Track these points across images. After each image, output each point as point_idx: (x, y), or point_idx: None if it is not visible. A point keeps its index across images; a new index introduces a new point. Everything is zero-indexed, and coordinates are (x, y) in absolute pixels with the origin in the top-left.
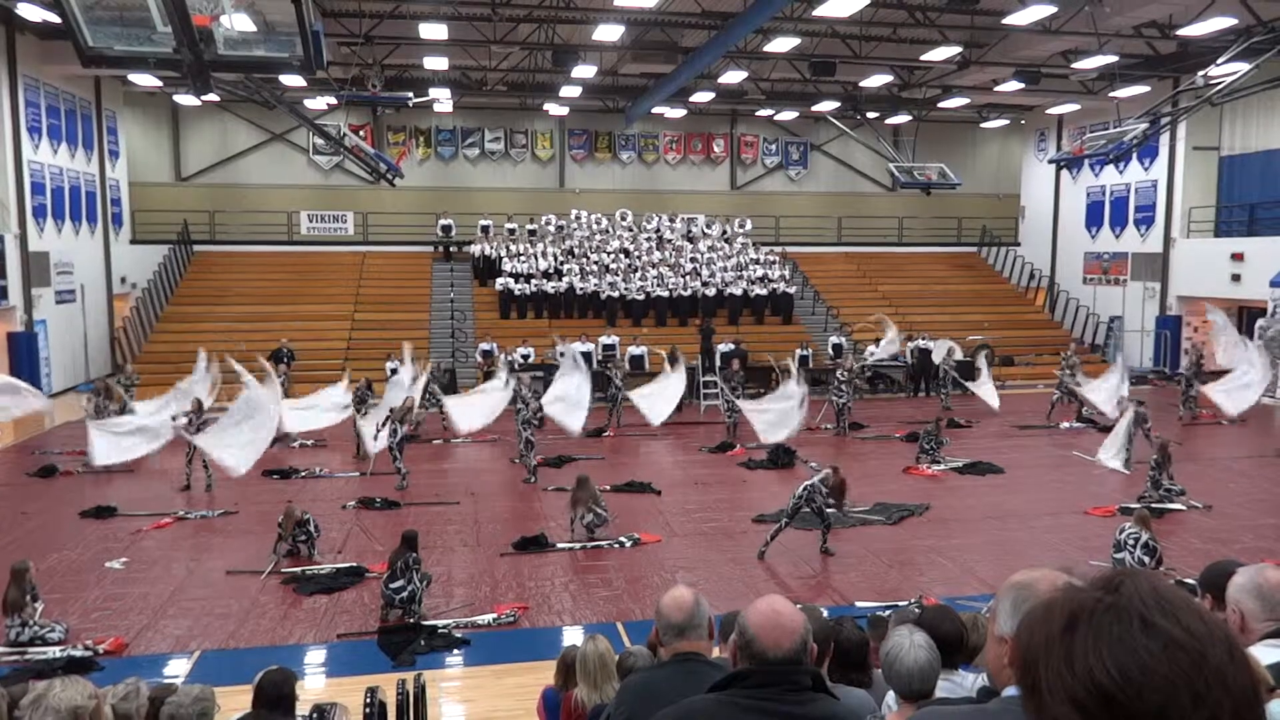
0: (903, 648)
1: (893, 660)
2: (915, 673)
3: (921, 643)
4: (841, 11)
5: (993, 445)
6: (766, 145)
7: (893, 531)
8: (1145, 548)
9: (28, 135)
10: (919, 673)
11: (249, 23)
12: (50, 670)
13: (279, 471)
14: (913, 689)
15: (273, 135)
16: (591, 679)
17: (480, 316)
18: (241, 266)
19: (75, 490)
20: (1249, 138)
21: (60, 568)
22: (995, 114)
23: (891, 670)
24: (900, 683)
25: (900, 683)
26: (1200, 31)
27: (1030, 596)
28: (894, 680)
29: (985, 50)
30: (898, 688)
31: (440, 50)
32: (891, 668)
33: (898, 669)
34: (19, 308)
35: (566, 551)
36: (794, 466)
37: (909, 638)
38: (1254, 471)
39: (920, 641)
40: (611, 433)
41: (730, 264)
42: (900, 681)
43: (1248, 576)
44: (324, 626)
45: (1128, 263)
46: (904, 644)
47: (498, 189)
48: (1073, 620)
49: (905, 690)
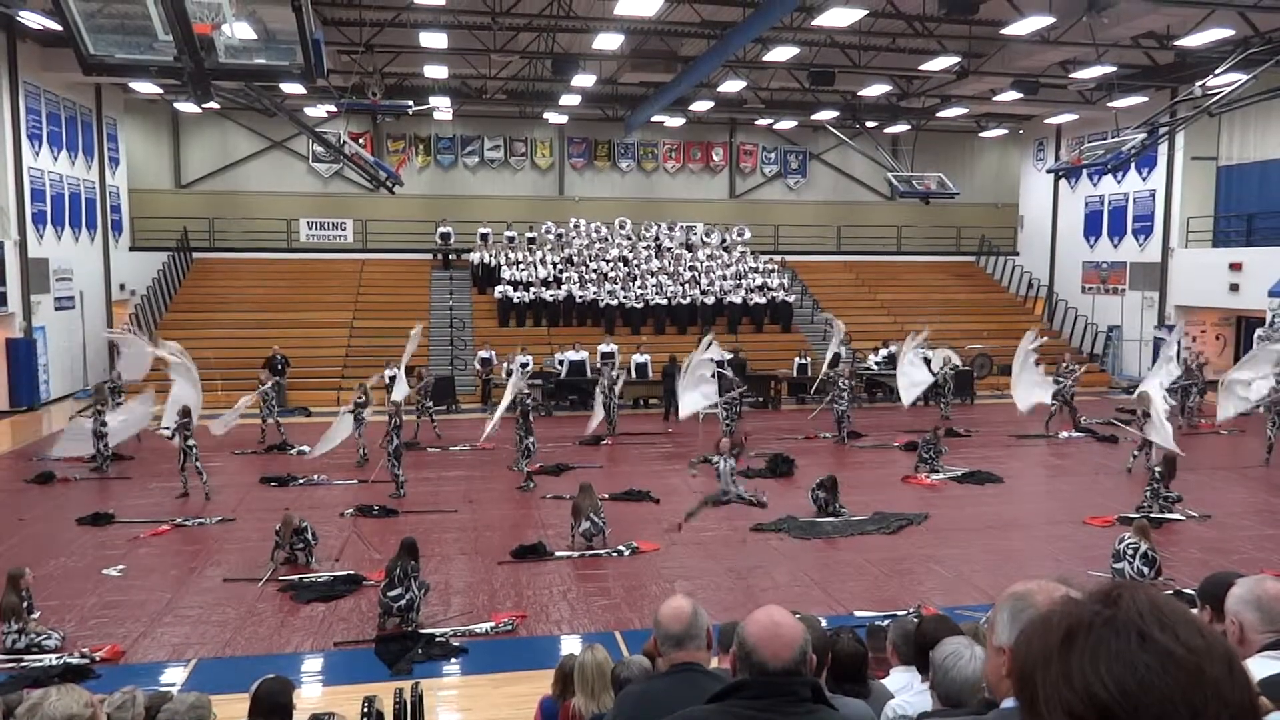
0: (963, 656)
1: (949, 666)
2: (968, 684)
3: (980, 655)
4: (840, 21)
5: (991, 454)
6: (765, 154)
7: (891, 541)
8: (1144, 558)
9: (28, 142)
10: (971, 684)
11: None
12: (46, 678)
13: (276, 479)
14: (959, 698)
15: (272, 143)
16: (589, 688)
17: (479, 324)
18: (241, 273)
19: (73, 497)
20: (1247, 148)
21: (57, 575)
22: (994, 124)
23: (946, 675)
24: (949, 689)
25: (949, 689)
26: (1198, 42)
27: (1027, 607)
28: (943, 684)
29: (984, 60)
30: (944, 692)
31: (440, 59)
32: (947, 673)
33: (953, 675)
34: (18, 314)
35: (565, 560)
36: (793, 475)
37: (970, 649)
38: (1253, 481)
39: (980, 654)
40: (610, 441)
41: (729, 272)
42: (950, 688)
43: (1246, 588)
44: (321, 635)
45: (1126, 272)
46: (965, 654)
47: (497, 197)
48: (1070, 634)
49: (951, 698)
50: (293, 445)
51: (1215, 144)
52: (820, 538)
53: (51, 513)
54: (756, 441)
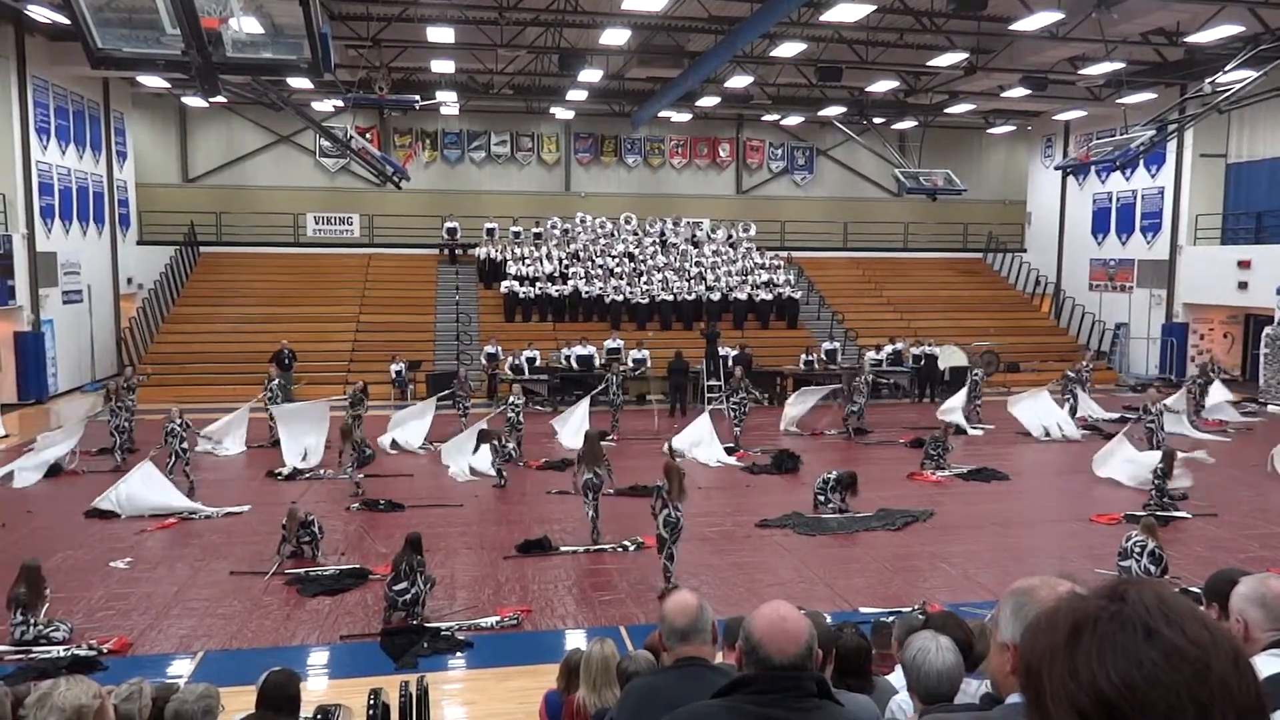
0: (930, 650)
1: (920, 663)
2: (944, 675)
3: (947, 645)
4: (848, 16)
5: (997, 451)
6: (772, 150)
7: (896, 537)
8: (1152, 556)
9: (36, 136)
10: (946, 675)
11: (257, 25)
12: (54, 669)
13: (283, 473)
14: (940, 692)
15: (280, 137)
16: (592, 681)
17: (485, 319)
18: (247, 268)
19: (80, 490)
20: (1256, 145)
21: (65, 567)
22: (1002, 120)
23: (919, 673)
24: (927, 685)
25: (927, 685)
26: (1208, 39)
27: (1030, 603)
28: (920, 682)
29: (992, 56)
30: (923, 690)
31: (447, 53)
32: (919, 670)
33: (926, 670)
34: (26, 308)
35: (570, 555)
36: (798, 471)
37: (934, 640)
38: (1261, 481)
39: (946, 644)
40: (615, 438)
41: (735, 269)
42: (928, 683)
43: (1251, 586)
44: (327, 628)
45: (1134, 269)
46: (930, 647)
47: (503, 192)
48: (1077, 629)
49: (931, 693)
50: None
51: (1224, 141)
52: (825, 534)
53: (59, 505)
54: (760, 439)
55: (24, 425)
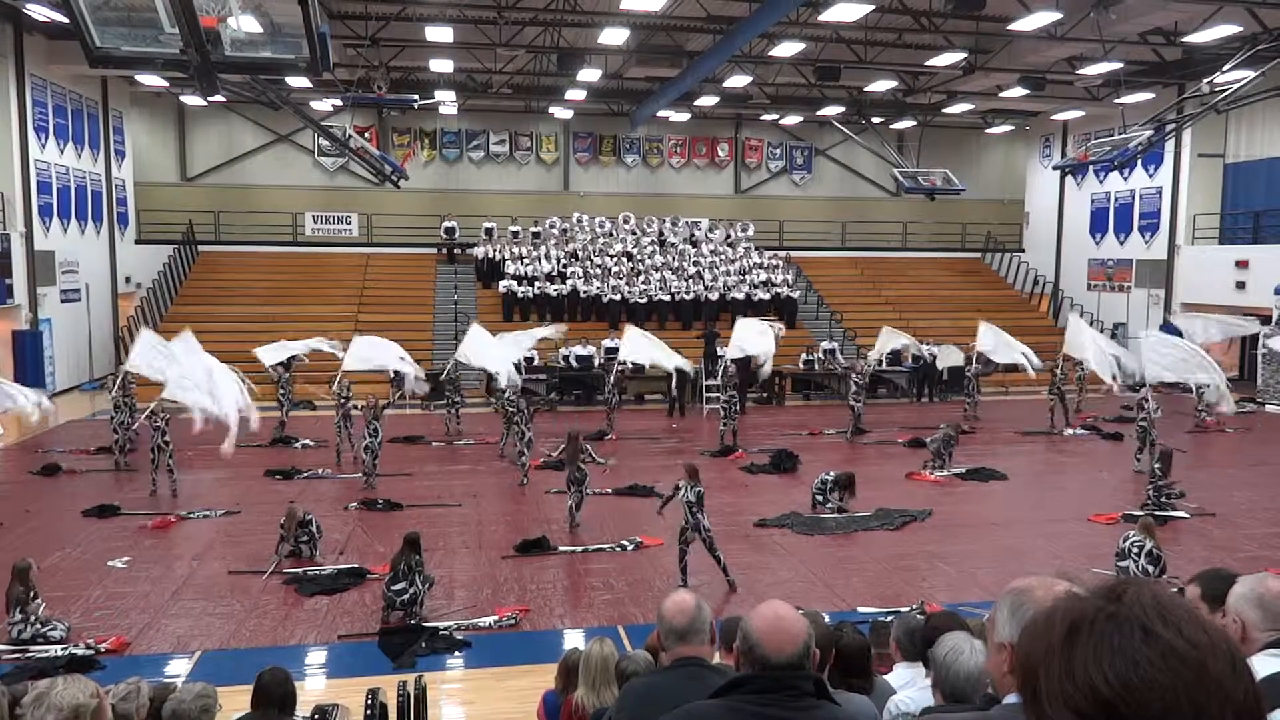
0: (964, 651)
1: (951, 662)
2: (972, 677)
3: (980, 649)
4: (847, 16)
5: (996, 451)
6: (771, 149)
7: (895, 537)
8: (1150, 556)
9: (34, 134)
10: (975, 678)
11: (256, 24)
12: (52, 669)
13: (281, 472)
14: (964, 693)
15: (278, 136)
16: (591, 680)
17: (483, 318)
18: (246, 267)
19: (78, 489)
20: (1254, 145)
21: (62, 566)
22: (1000, 120)
23: (949, 671)
24: (954, 684)
25: (954, 684)
26: (1206, 39)
27: (1027, 603)
28: (948, 680)
29: (990, 56)
30: (949, 688)
31: (446, 53)
32: (949, 669)
33: (955, 670)
34: (24, 306)
35: (568, 555)
36: (796, 471)
37: (969, 642)
38: (1260, 481)
39: (979, 647)
40: (614, 436)
41: (733, 268)
42: (955, 683)
43: (1249, 586)
44: (325, 627)
45: (1132, 269)
46: (964, 648)
47: (502, 192)
48: (1074, 629)
49: (957, 693)
50: (296, 439)
51: (1222, 141)
52: (824, 534)
53: (57, 504)
54: (759, 438)
55: (21, 424)
